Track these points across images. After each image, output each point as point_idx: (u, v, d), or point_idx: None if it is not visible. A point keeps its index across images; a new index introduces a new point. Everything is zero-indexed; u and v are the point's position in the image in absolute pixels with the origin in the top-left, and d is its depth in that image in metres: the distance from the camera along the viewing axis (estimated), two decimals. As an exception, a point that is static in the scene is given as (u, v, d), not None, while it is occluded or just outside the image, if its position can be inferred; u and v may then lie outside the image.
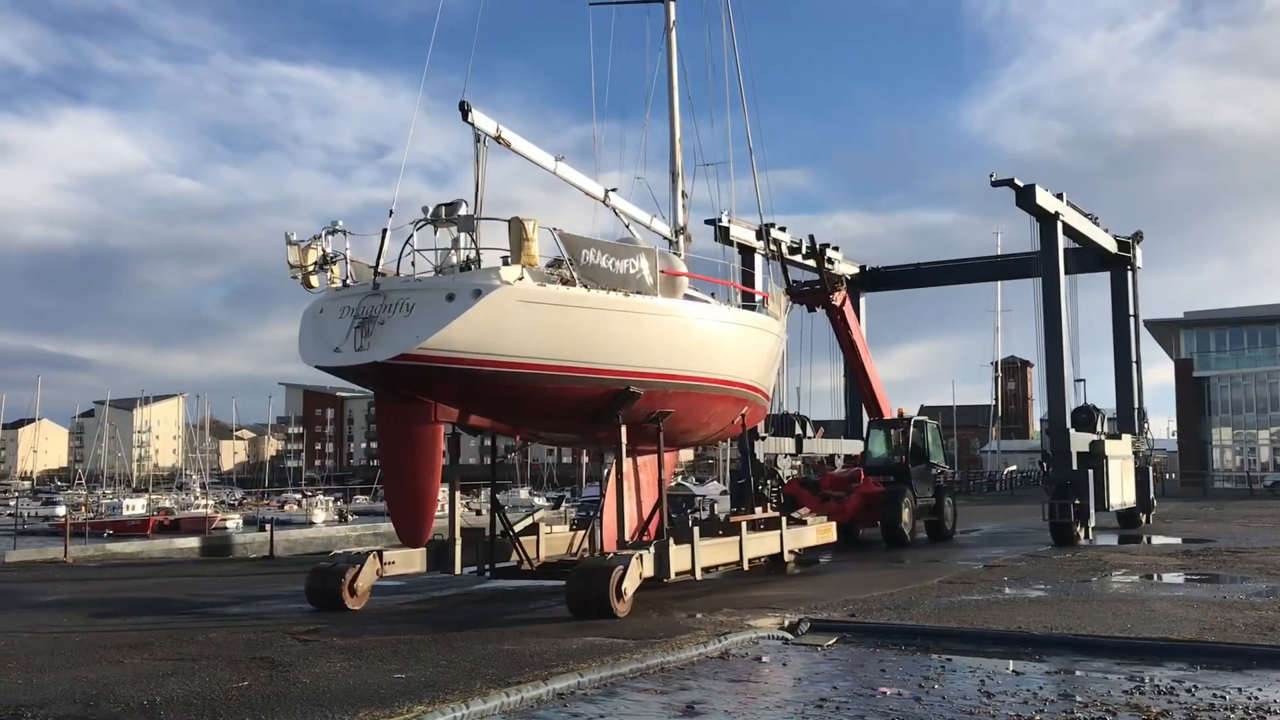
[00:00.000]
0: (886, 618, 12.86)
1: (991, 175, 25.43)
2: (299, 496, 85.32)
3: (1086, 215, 28.84)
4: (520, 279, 13.16)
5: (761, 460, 27.28)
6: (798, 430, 29.54)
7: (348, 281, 13.73)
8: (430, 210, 13.36)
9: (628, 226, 18.46)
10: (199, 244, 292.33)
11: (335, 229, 13.81)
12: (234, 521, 63.58)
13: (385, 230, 13.53)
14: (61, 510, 63.92)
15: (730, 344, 17.06)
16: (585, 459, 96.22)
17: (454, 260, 13.49)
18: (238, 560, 27.05)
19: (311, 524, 55.19)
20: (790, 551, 19.19)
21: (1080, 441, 26.32)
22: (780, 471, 26.80)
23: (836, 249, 31.28)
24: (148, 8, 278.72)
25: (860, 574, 19.22)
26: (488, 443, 17.80)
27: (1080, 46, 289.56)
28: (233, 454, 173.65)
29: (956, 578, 17.66)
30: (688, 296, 16.44)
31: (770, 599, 14.92)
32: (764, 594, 15.71)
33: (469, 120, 14.73)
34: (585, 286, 13.94)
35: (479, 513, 37.49)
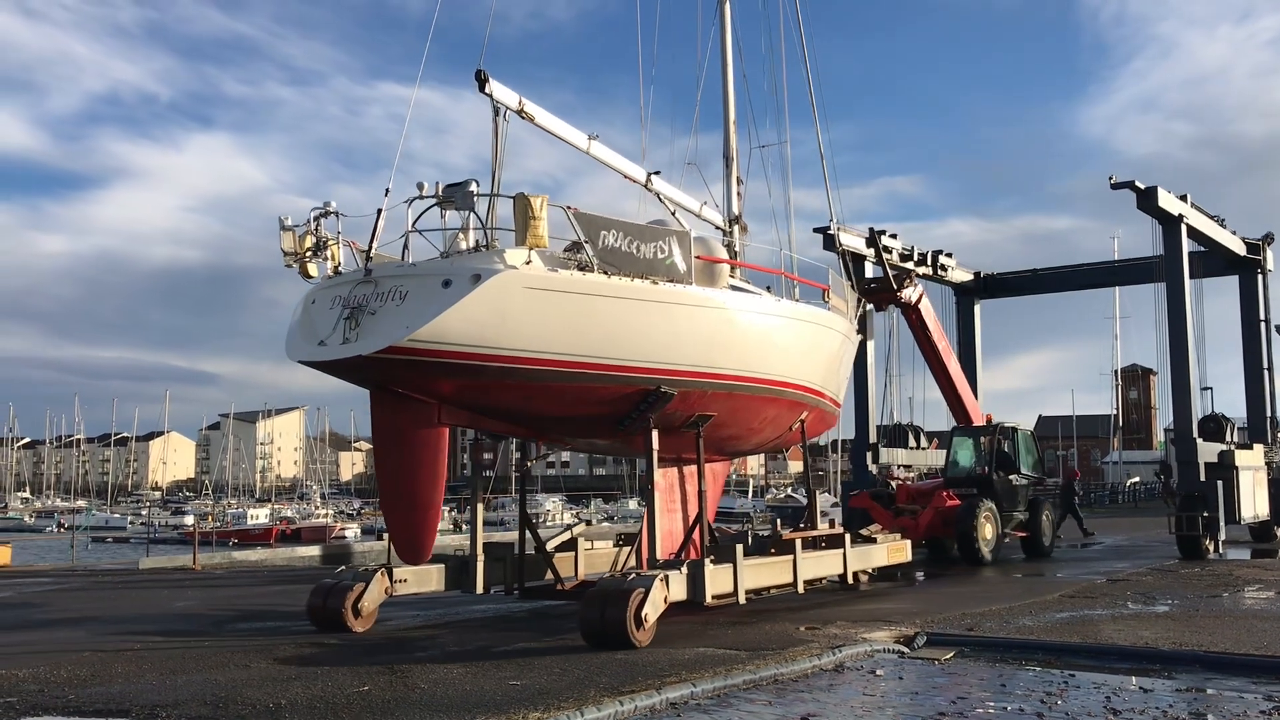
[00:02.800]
0: (1006, 632, 12.55)
1: (1111, 178, 24.73)
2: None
3: (1212, 217, 27.83)
4: (528, 263, 11.78)
5: (874, 472, 26.96)
6: (911, 441, 29.02)
7: (340, 269, 12.45)
8: (424, 188, 12.06)
9: (674, 214, 16.70)
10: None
11: (327, 210, 12.41)
12: (352, 530, 65.15)
13: (380, 210, 12.10)
14: (190, 520, 66.24)
15: (783, 341, 15.39)
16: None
17: (463, 245, 12.09)
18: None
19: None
20: (864, 572, 17.83)
21: (1208, 452, 25.35)
22: (893, 484, 25.91)
23: (950, 255, 30.78)
24: (273, 35, 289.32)
25: (977, 588, 18.79)
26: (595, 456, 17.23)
27: (1204, 43, 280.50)
28: (351, 465, 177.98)
29: (1078, 592, 17.15)
30: (735, 289, 15.05)
31: (885, 612, 14.67)
32: (879, 607, 15.46)
33: (486, 91, 13.16)
34: (605, 272, 12.41)
35: (589, 523, 37.75)
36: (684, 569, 12.56)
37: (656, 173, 16.70)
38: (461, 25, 55.62)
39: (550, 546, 16.10)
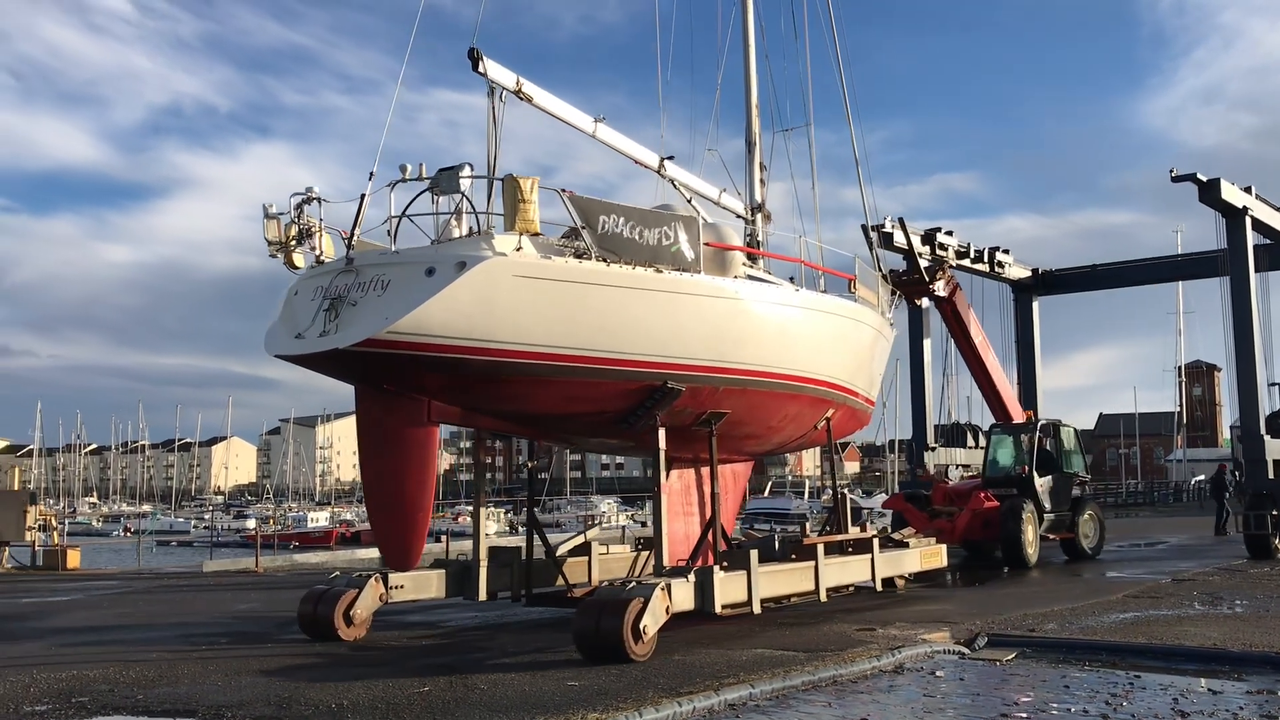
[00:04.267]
0: (1068, 633, 12.37)
1: (1172, 171, 24.29)
2: (470, 508, 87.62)
3: (1277, 209, 27.23)
4: (518, 250, 11.06)
5: (931, 472, 26.63)
6: (970, 441, 28.66)
7: (322, 259, 11.79)
8: (406, 170, 11.33)
9: (690, 202, 15.74)
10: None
11: (310, 196, 11.67)
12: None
13: (363, 196, 11.35)
14: (252, 523, 67.37)
15: (803, 333, 14.56)
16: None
17: (456, 232, 11.35)
18: (415, 570, 27.88)
19: (485, 535, 56.46)
20: (900, 576, 17.09)
21: (1276, 449, 24.79)
22: (950, 484, 25.20)
23: (1007, 252, 30.41)
24: (328, 44, 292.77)
25: (1035, 589, 18.54)
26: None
27: (1268, 32, 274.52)
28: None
29: (1142, 592, 16.85)
30: (754, 279, 14.27)
31: (943, 613, 14.52)
32: (936, 608, 15.31)
33: (480, 71, 12.22)
34: (604, 260, 11.62)
35: (644, 524, 37.69)
36: (691, 576, 11.78)
37: (670, 158, 15.68)
38: (513, 30, 56.21)
39: (563, 551, 15.57)
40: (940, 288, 24.79)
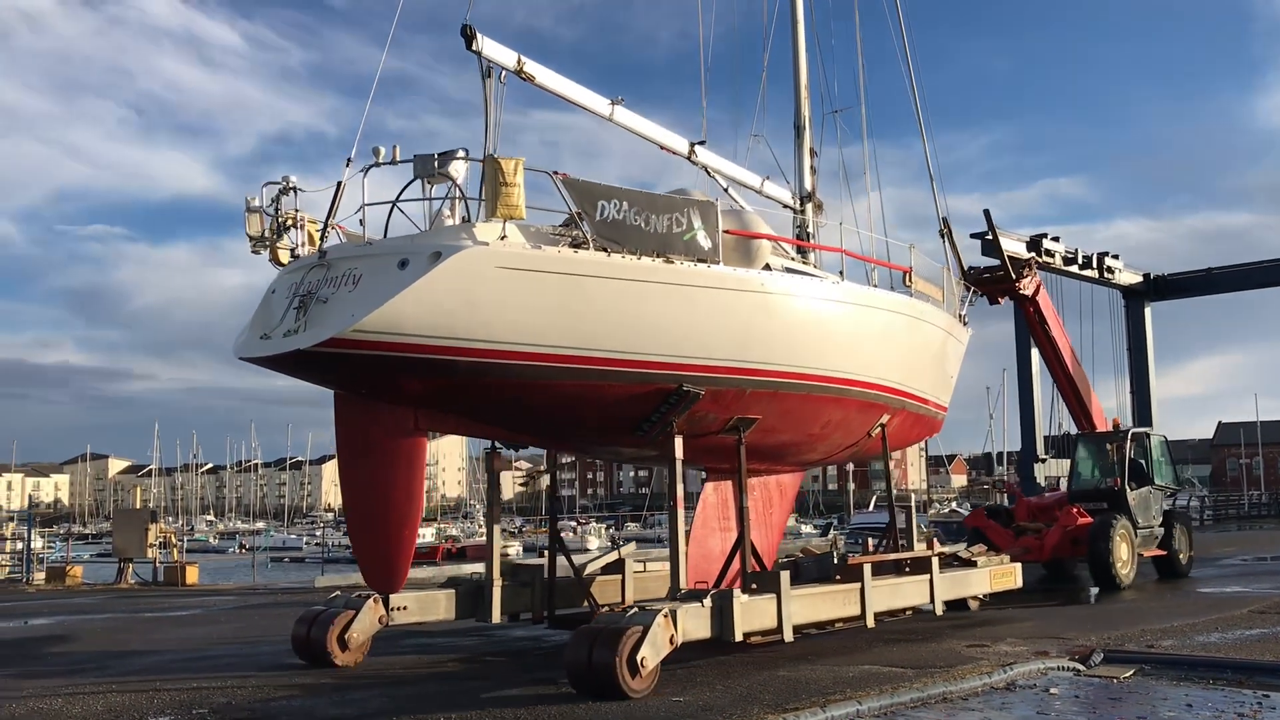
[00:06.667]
0: (1188, 649, 11.93)
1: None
2: (574, 524, 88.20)
3: None
4: (503, 238, 10.08)
5: (1042, 484, 26.01)
6: (1080, 451, 27.84)
7: (298, 252, 10.77)
8: (380, 154, 10.60)
9: (726, 190, 14.42)
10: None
11: (287, 187, 10.72)
12: (515, 548, 66.30)
13: (339, 184, 10.56)
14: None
15: (847, 330, 13.30)
16: (852, 485, 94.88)
17: (448, 223, 10.50)
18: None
19: (586, 550, 56.83)
20: (974, 598, 16.02)
21: None
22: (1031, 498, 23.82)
23: (1116, 257, 29.69)
24: (429, 70, 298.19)
25: (1156, 603, 17.92)
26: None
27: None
28: (512, 484, 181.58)
29: (1269, 608, 16.15)
30: (792, 272, 13.17)
31: (1057, 629, 14.13)
32: (1049, 623, 14.90)
33: (474, 49, 11.12)
34: (605, 250, 10.58)
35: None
36: (707, 601, 10.60)
37: (701, 142, 14.33)
38: (611, 50, 56.38)
39: (594, 568, 14.66)
40: (1026, 286, 23.40)
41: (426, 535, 75.55)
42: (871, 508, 68.34)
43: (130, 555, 29.38)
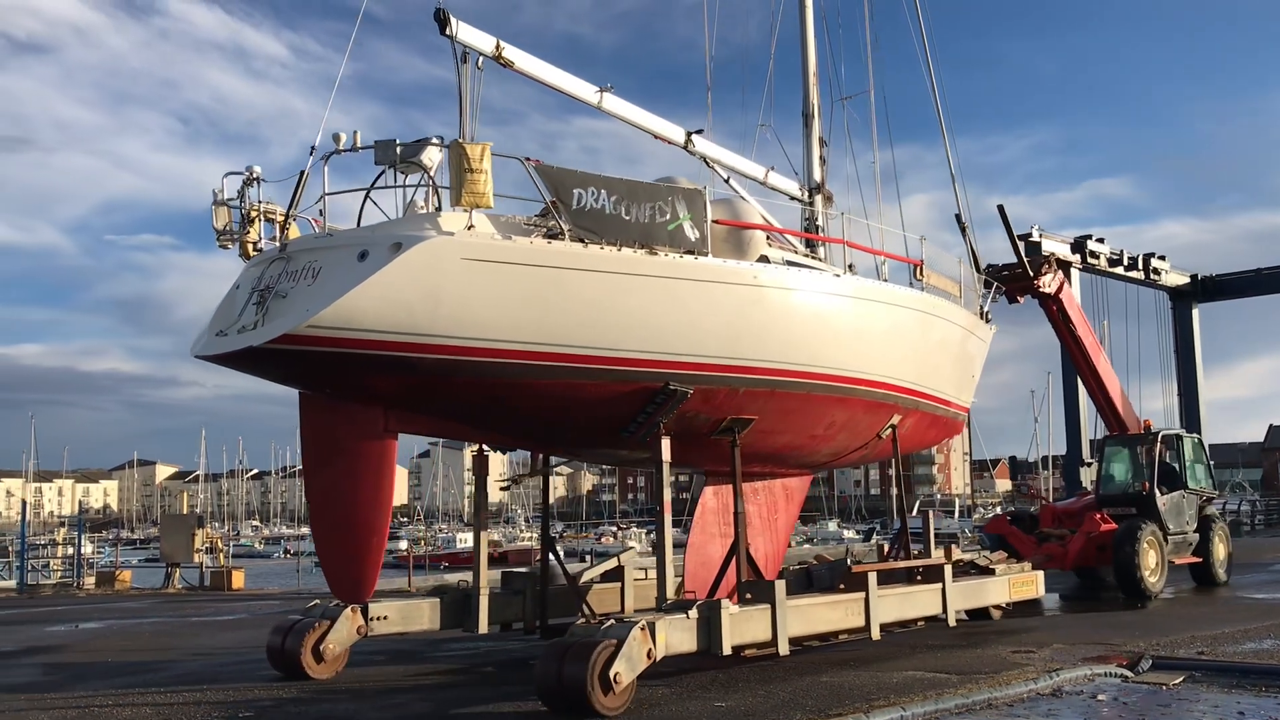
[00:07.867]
0: (1240, 656, 11.73)
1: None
2: (614, 529, 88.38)
3: None
4: (469, 228, 9.57)
5: (1087, 488, 25.63)
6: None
7: (259, 246, 10.23)
8: (340, 139, 10.15)
9: (727, 181, 13.84)
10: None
11: (251, 178, 10.11)
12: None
13: (302, 173, 9.96)
14: (404, 544, 69.04)
15: (850, 326, 12.58)
16: (895, 490, 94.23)
17: (424, 209, 9.96)
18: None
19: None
20: (996, 607, 15.38)
21: None
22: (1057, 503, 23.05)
23: (1163, 258, 29.33)
24: (471, 78, 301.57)
25: (1202, 610, 17.63)
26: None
27: None
28: (553, 489, 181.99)
29: (1323, 614, 15.88)
30: (794, 265, 12.55)
31: (1103, 634, 13.94)
32: (1095, 629, 14.71)
33: (447, 34, 10.67)
34: (582, 240, 10.05)
35: (789, 545, 37.12)
36: (692, 612, 9.98)
37: (698, 131, 13.76)
38: (651, 56, 56.38)
39: (590, 575, 14.19)
40: (1046, 283, 22.23)
41: (468, 540, 75.95)
42: (914, 513, 67.67)
43: (177, 560, 29.76)
